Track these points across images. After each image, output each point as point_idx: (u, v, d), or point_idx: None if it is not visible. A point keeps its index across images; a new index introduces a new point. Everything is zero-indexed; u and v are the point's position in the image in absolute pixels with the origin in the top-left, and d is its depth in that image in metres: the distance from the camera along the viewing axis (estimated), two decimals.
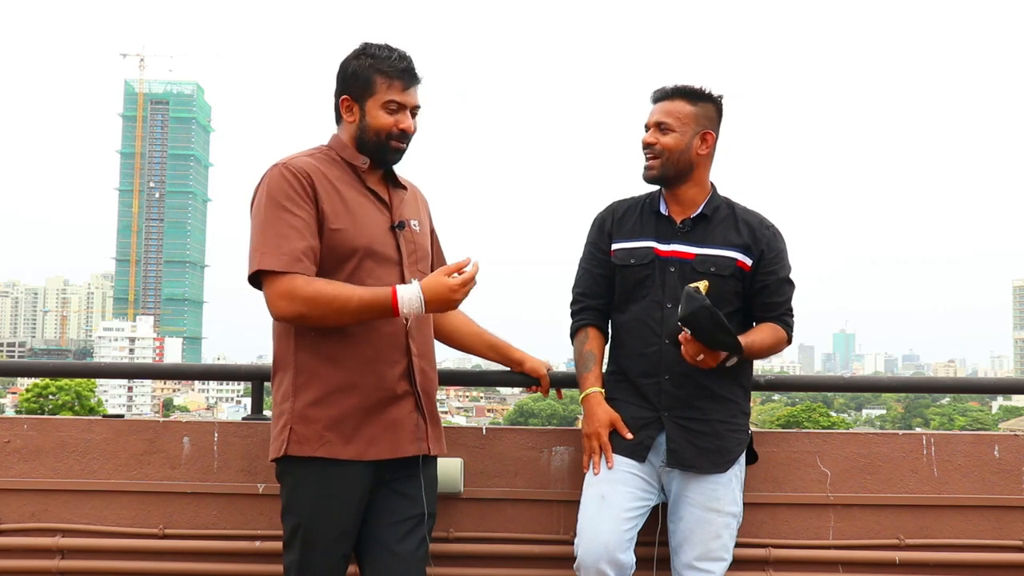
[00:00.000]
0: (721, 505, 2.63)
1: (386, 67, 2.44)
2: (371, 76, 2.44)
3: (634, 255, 2.75)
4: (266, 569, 2.85)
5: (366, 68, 2.44)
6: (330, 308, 2.29)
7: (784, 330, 2.76)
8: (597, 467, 2.67)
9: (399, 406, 2.43)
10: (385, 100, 2.44)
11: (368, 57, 2.45)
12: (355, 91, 2.46)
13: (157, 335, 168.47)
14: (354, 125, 2.47)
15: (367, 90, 2.45)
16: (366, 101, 2.45)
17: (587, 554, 2.56)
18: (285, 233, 2.32)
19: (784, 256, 2.77)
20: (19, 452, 2.94)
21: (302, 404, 2.37)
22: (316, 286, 2.30)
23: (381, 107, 2.44)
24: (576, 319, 2.85)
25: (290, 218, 2.34)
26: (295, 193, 2.35)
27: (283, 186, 2.36)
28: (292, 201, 2.35)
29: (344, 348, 2.37)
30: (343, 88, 2.48)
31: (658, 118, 2.72)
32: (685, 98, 2.72)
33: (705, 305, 2.44)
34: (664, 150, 2.70)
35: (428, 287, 2.32)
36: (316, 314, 2.30)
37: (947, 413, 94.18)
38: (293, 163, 2.41)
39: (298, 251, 2.31)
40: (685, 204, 2.76)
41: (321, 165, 2.44)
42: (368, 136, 2.46)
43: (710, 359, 2.53)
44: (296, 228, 2.33)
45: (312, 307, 2.29)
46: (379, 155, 2.48)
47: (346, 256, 2.38)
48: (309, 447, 2.35)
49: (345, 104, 2.48)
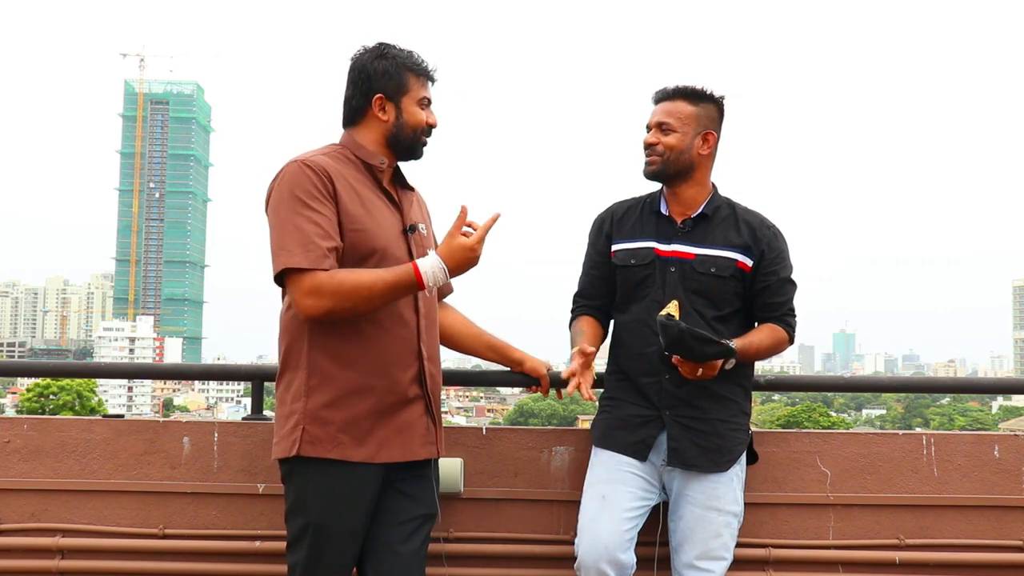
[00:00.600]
0: (722, 504, 2.63)
1: (414, 65, 2.47)
2: (404, 74, 2.46)
3: (635, 255, 2.75)
4: (266, 569, 2.86)
5: (397, 67, 2.45)
6: (358, 296, 2.28)
7: (785, 330, 2.76)
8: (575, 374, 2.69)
9: (410, 409, 2.43)
10: (420, 97, 2.48)
11: (393, 56, 2.46)
12: (389, 89, 2.45)
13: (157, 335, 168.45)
14: (388, 124, 2.47)
15: (401, 88, 2.46)
16: (402, 99, 2.46)
17: (588, 554, 2.56)
18: (308, 230, 2.30)
19: (785, 256, 2.77)
20: (19, 452, 2.94)
21: (315, 405, 2.36)
22: (339, 277, 2.29)
23: (416, 103, 2.47)
24: (572, 314, 2.91)
25: (313, 215, 2.31)
26: (316, 190, 2.34)
27: (304, 183, 2.34)
28: (313, 198, 2.33)
29: (358, 351, 2.36)
30: (374, 87, 2.45)
31: (659, 118, 2.72)
32: (687, 98, 2.72)
33: (682, 328, 2.46)
34: (666, 150, 2.70)
35: (447, 253, 2.32)
36: (346, 306, 2.28)
37: (947, 413, 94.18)
38: (312, 160, 2.39)
39: (323, 249, 2.30)
40: (686, 204, 2.75)
41: (338, 164, 2.43)
42: (405, 133, 2.47)
43: (709, 370, 2.55)
44: (319, 225, 2.31)
45: (340, 299, 2.28)
46: (412, 152, 2.51)
47: (365, 256, 2.37)
48: (323, 448, 2.34)
49: (379, 103, 2.46)
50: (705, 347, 2.49)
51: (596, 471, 2.71)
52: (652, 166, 2.72)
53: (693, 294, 2.68)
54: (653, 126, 2.74)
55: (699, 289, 2.68)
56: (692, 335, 2.47)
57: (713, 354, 2.52)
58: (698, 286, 2.68)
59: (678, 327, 2.46)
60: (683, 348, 2.49)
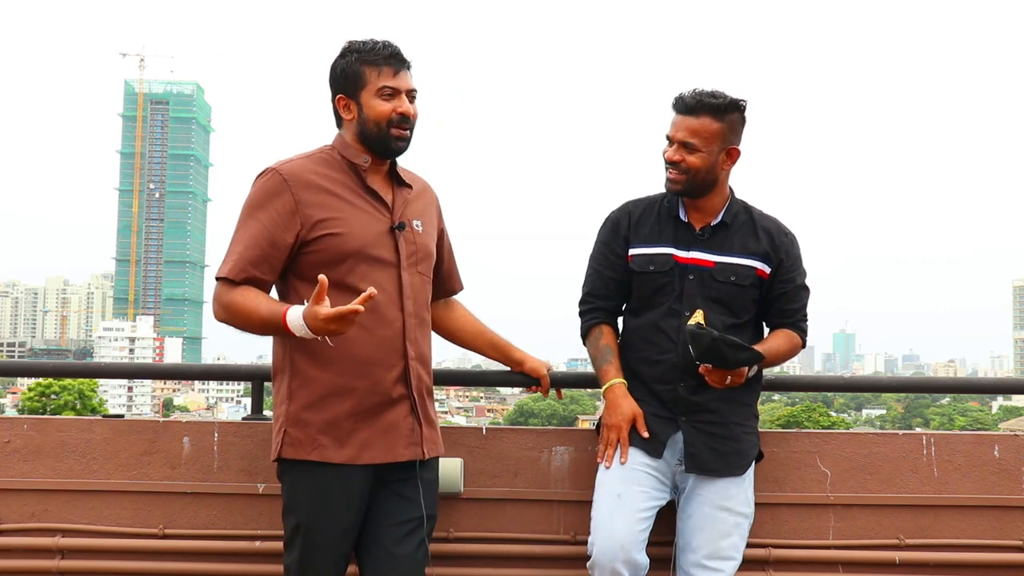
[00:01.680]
0: (733, 504, 2.63)
1: (372, 56, 2.43)
2: (359, 69, 2.43)
3: (653, 262, 2.71)
4: (266, 569, 2.85)
5: (353, 63, 2.44)
6: (240, 318, 2.34)
7: (799, 336, 2.78)
8: (610, 460, 2.65)
9: (394, 410, 2.42)
10: (378, 88, 2.42)
11: (353, 52, 2.44)
12: (348, 88, 2.45)
13: (157, 335, 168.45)
14: (354, 122, 2.46)
15: (359, 83, 2.43)
16: (360, 94, 2.44)
17: (602, 553, 2.55)
18: (242, 240, 2.37)
19: (800, 262, 2.78)
20: (19, 452, 2.93)
21: (296, 407, 2.38)
22: (231, 296, 2.35)
23: (376, 95, 2.42)
24: (587, 318, 2.83)
25: (253, 225, 2.37)
26: (267, 201, 2.38)
27: (257, 193, 2.40)
28: (262, 208, 2.38)
29: (338, 352, 2.36)
30: (336, 89, 2.47)
31: (684, 137, 2.63)
32: (712, 114, 2.61)
33: (714, 336, 2.46)
34: (690, 169, 2.64)
35: (308, 314, 2.21)
36: (234, 322, 2.36)
37: (947, 413, 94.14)
38: (281, 168, 2.42)
39: (247, 260, 2.35)
40: (705, 211, 2.72)
41: (318, 167, 2.44)
42: (369, 128, 2.44)
43: (737, 377, 2.55)
44: (254, 236, 2.36)
45: (229, 315, 2.35)
46: (383, 146, 2.45)
47: (337, 260, 2.37)
48: (303, 450, 2.36)
49: (342, 103, 2.46)
50: (738, 353, 2.49)
51: (610, 469, 2.68)
52: (676, 185, 2.66)
53: (712, 302, 2.66)
54: (676, 141, 2.65)
55: (718, 297, 2.66)
56: (725, 342, 2.47)
57: (744, 360, 2.52)
58: (717, 294, 2.67)
59: (710, 335, 2.46)
60: (716, 356, 2.48)
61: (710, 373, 2.54)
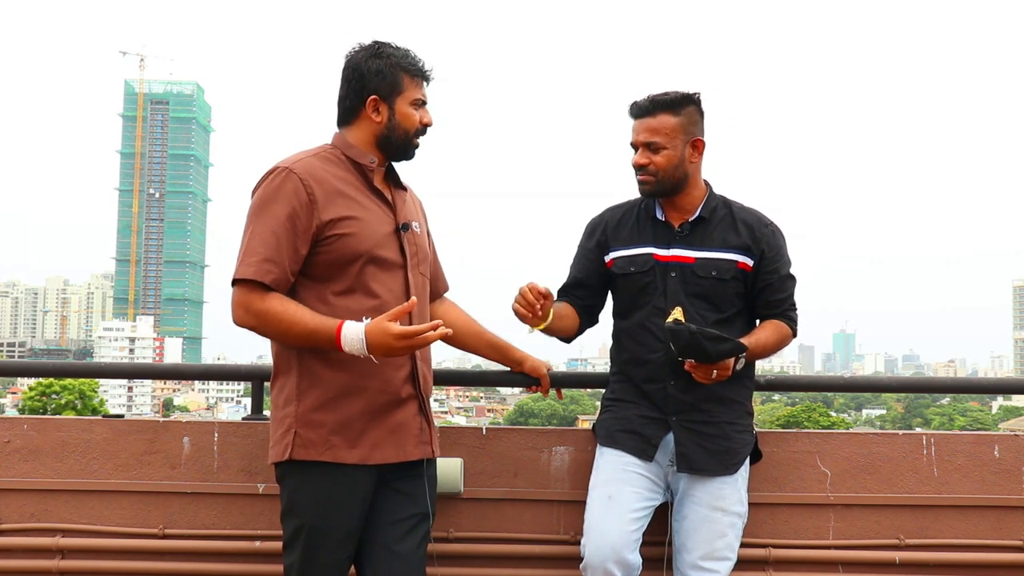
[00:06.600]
0: (727, 504, 2.63)
1: (408, 64, 2.44)
2: (398, 75, 2.43)
3: (634, 262, 2.73)
4: (266, 569, 2.85)
5: (392, 67, 2.42)
6: (278, 328, 2.31)
7: (789, 326, 2.76)
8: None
9: (404, 409, 2.42)
10: (414, 98, 2.45)
11: (388, 56, 2.43)
12: (383, 90, 2.43)
13: (157, 335, 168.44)
14: (381, 124, 2.44)
15: (395, 89, 2.43)
16: (395, 100, 2.43)
17: (594, 554, 2.55)
18: (264, 241, 2.31)
19: (784, 252, 2.76)
20: (19, 452, 2.93)
21: (306, 408, 2.35)
22: (267, 303, 2.29)
23: (410, 105, 2.44)
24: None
25: (273, 224, 2.32)
26: (285, 199, 2.33)
27: (274, 192, 2.35)
28: (281, 207, 2.33)
29: None
30: (368, 88, 2.43)
31: (645, 137, 2.66)
32: (667, 110, 2.65)
33: (692, 331, 2.46)
34: (658, 169, 2.66)
35: (372, 330, 2.24)
36: (266, 331, 2.33)
37: (947, 413, 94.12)
38: (294, 166, 2.37)
39: (270, 260, 2.30)
40: (683, 208, 2.74)
41: (326, 166, 2.41)
42: (397, 135, 2.44)
43: (723, 371, 2.54)
44: (275, 235, 2.31)
45: (261, 323, 2.31)
46: (404, 152, 2.48)
47: (349, 261, 2.36)
48: (315, 451, 2.34)
49: (372, 104, 2.43)
50: (718, 345, 2.48)
51: (602, 471, 2.70)
52: (647, 186, 2.69)
53: (695, 298, 2.66)
54: (640, 145, 2.67)
55: (701, 293, 2.67)
56: (704, 335, 2.46)
57: (726, 351, 2.51)
58: (700, 290, 2.67)
59: (687, 330, 2.46)
60: (696, 350, 2.48)
61: (695, 369, 2.53)
